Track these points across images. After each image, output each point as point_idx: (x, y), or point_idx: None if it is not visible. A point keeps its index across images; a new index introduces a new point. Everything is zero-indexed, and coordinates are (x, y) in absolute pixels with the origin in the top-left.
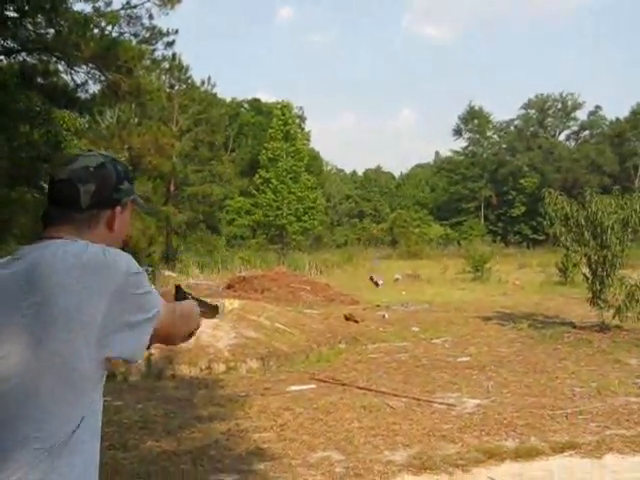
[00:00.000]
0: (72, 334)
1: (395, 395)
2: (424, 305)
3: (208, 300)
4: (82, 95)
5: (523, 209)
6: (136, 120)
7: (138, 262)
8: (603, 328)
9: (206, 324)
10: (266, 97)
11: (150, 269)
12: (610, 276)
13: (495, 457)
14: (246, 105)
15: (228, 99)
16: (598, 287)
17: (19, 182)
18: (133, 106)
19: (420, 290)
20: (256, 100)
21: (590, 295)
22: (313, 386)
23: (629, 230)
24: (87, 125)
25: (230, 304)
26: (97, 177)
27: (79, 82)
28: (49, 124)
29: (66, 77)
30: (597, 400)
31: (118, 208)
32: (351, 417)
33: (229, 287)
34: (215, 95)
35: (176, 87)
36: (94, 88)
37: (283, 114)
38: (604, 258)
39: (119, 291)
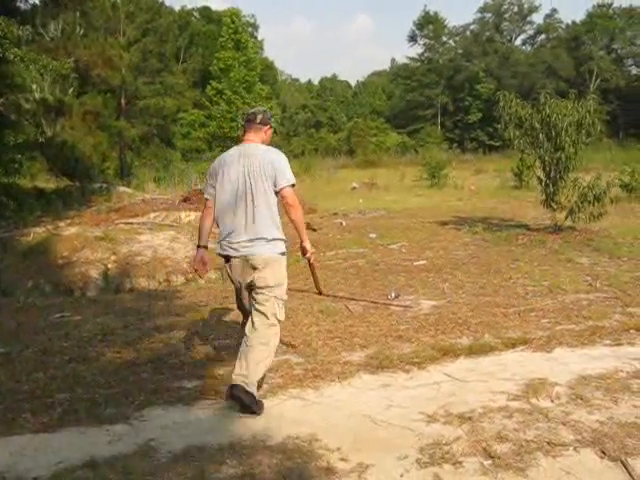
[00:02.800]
0: (259, 176)
1: (353, 299)
2: (381, 212)
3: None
4: (22, 5)
5: (479, 115)
6: (81, 32)
7: (91, 178)
8: (556, 229)
9: (163, 237)
10: (217, 5)
11: (105, 185)
12: (563, 178)
13: (450, 354)
14: (196, 14)
15: (177, 8)
16: (552, 189)
17: None
18: (77, 17)
19: (377, 198)
20: (206, 8)
21: (544, 197)
22: None
23: (583, 132)
24: (30, 37)
25: (187, 216)
26: (263, 112)
27: None
28: None
29: None
30: (549, 298)
31: (268, 126)
32: (309, 322)
33: (185, 200)
34: (162, 3)
35: None
36: None
37: (232, 22)
38: (558, 160)
39: (274, 165)
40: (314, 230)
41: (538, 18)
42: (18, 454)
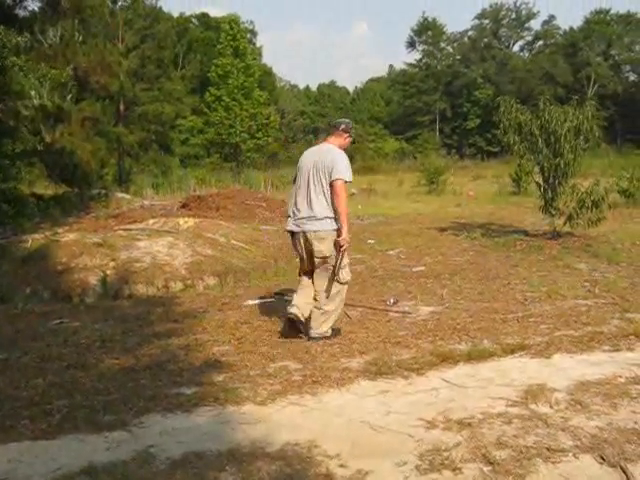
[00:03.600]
0: (321, 169)
1: (351, 305)
2: (380, 218)
3: None
4: (21, 12)
5: (477, 121)
6: (80, 38)
7: (89, 184)
8: (554, 235)
9: (162, 243)
10: (215, 12)
11: (103, 191)
12: (562, 184)
13: (449, 360)
14: (195, 20)
15: (176, 14)
16: (550, 195)
17: None
18: (76, 24)
19: (376, 204)
20: (204, 15)
21: (542, 203)
22: (271, 300)
23: (581, 138)
24: (29, 44)
25: (185, 222)
26: (347, 123)
27: None
28: None
29: None
30: (547, 304)
31: (347, 135)
32: None
33: (184, 206)
34: (160, 9)
35: (119, 2)
36: (33, 5)
37: (231, 29)
38: (556, 166)
39: (334, 161)
40: None
41: (536, 24)
42: (16, 461)
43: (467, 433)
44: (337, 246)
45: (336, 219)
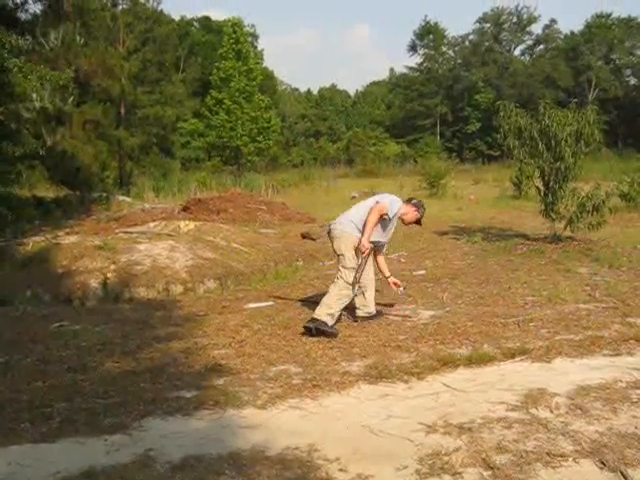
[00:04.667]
0: (373, 200)
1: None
2: None
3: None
4: (22, 15)
5: (478, 125)
6: (82, 41)
7: (91, 187)
8: (555, 239)
9: (162, 246)
10: (216, 15)
11: (104, 194)
12: (562, 188)
13: (449, 364)
14: (196, 24)
15: (177, 18)
16: (551, 199)
17: None
18: (78, 27)
19: None
20: (206, 18)
21: (543, 207)
22: (271, 303)
23: (582, 142)
24: (31, 47)
25: (186, 226)
26: (420, 202)
27: (18, 1)
28: None
29: None
30: (548, 308)
31: (416, 209)
32: None
33: (185, 209)
34: (162, 12)
35: (120, 6)
36: (35, 8)
37: (234, 32)
38: (557, 170)
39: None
40: (313, 239)
41: (537, 28)
42: (16, 464)
43: (467, 438)
44: (359, 251)
45: (360, 230)
